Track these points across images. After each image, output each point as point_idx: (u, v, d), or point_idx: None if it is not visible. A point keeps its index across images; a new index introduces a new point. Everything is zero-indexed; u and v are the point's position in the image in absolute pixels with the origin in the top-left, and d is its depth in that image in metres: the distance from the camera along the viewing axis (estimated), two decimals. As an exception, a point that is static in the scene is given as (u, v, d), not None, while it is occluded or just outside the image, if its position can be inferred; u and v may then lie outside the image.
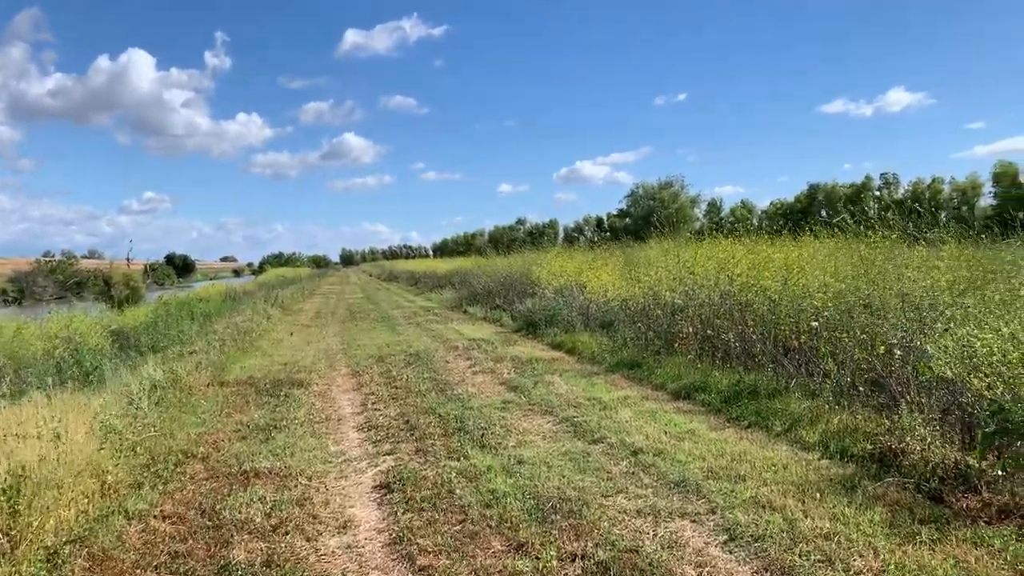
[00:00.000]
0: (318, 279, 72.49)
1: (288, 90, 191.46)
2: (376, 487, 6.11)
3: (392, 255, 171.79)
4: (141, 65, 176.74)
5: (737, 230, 13.22)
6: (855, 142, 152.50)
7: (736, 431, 7.20)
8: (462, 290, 29.87)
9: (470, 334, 17.05)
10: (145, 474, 6.18)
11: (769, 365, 8.86)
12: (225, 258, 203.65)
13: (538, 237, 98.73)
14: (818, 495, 5.24)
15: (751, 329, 10.13)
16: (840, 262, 9.69)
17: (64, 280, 72.21)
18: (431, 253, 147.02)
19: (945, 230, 9.36)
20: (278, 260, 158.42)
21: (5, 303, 61.24)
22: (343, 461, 6.89)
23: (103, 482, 5.58)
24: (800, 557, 4.34)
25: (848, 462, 6.02)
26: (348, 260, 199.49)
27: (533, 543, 4.68)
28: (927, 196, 75.51)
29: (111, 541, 4.80)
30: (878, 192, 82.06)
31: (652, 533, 4.80)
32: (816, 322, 9.29)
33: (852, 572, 4.15)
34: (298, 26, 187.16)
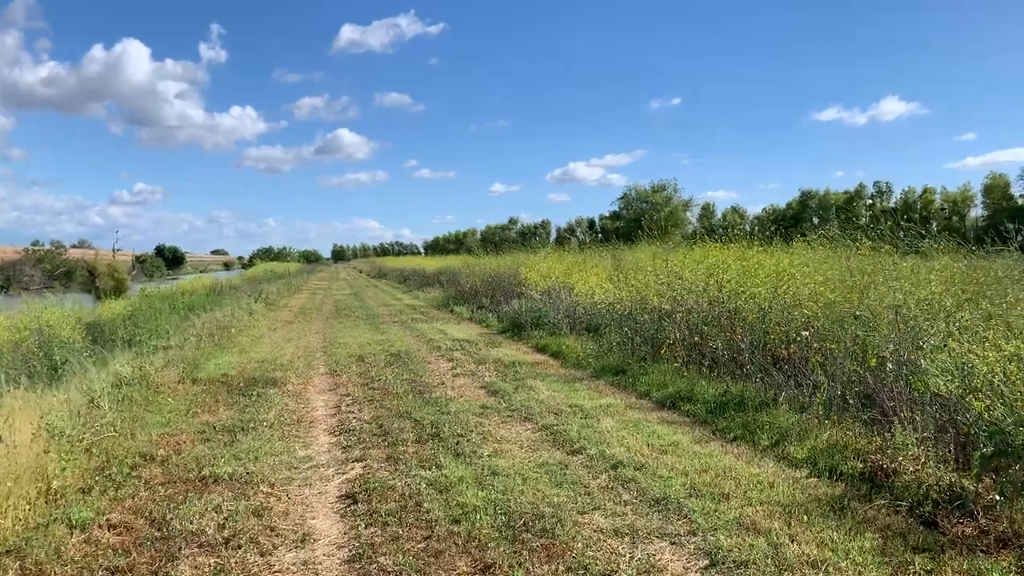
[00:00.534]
0: (307, 275, 71.98)
1: (283, 84, 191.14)
2: (341, 497, 5.79)
3: (383, 252, 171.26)
4: (136, 55, 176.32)
5: (728, 235, 12.97)
6: (848, 150, 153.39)
7: (721, 445, 6.90)
8: (450, 289, 29.55)
9: (454, 334, 16.73)
10: (97, 478, 5.84)
11: (757, 375, 8.57)
12: (216, 251, 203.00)
13: (530, 237, 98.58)
14: (806, 517, 4.95)
15: (739, 337, 9.85)
16: (831, 271, 9.45)
17: (52, 270, 71.50)
18: (423, 251, 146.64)
19: (937, 241, 9.13)
20: (268, 254, 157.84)
21: (-9, 291, 60.60)
22: (309, 467, 6.57)
23: (47, 487, 5.24)
24: (785, 587, 4.05)
25: (837, 481, 5.74)
26: (339, 256, 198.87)
27: (501, 565, 4.37)
28: (919, 206, 75.73)
29: (47, 554, 4.46)
30: (870, 200, 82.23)
31: (628, 556, 4.49)
32: (807, 332, 9.04)
33: (841, 605, 3.86)
34: (294, 20, 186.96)
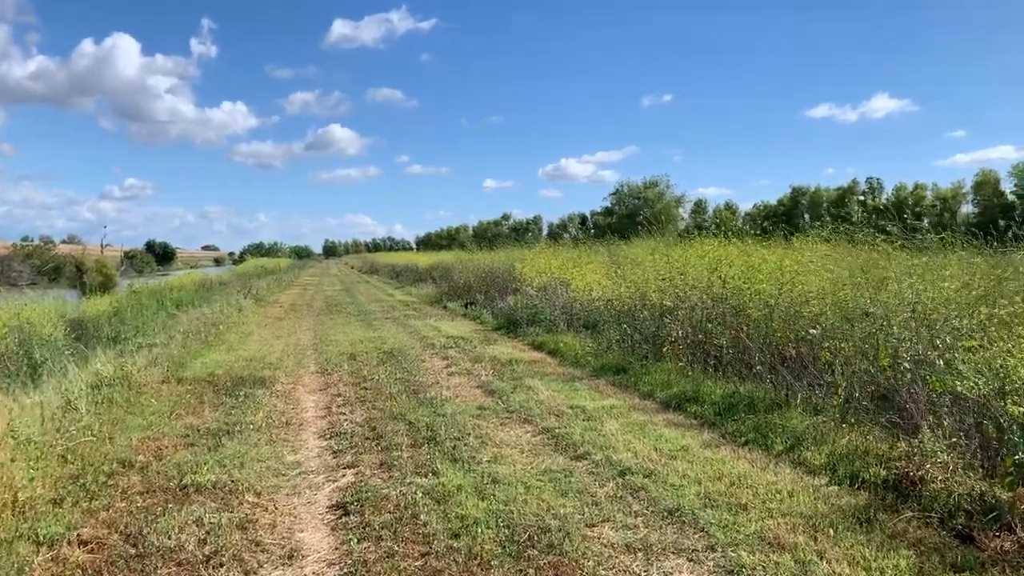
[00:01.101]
0: (298, 271, 71.43)
1: (274, 79, 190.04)
2: (332, 507, 5.43)
3: (375, 247, 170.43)
4: (126, 50, 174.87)
5: (723, 231, 12.68)
6: (839, 147, 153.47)
7: (733, 449, 6.56)
8: (443, 285, 29.17)
9: (448, 331, 16.36)
10: (70, 487, 5.46)
11: (767, 375, 8.23)
12: (207, 247, 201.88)
13: (522, 233, 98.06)
14: (831, 531, 4.61)
15: (745, 335, 9.52)
16: (840, 267, 9.13)
17: (41, 265, 70.76)
18: (415, 246, 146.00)
19: (955, 237, 8.82)
20: (259, 250, 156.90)
21: (-23, 287, 59.91)
22: (298, 474, 6.20)
23: (13, 499, 4.85)
24: (817, 611, 3.71)
25: (860, 489, 5.40)
26: (331, 251, 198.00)
27: (506, 586, 4.02)
28: (910, 202, 75.67)
29: (8, 575, 4.09)
30: (862, 197, 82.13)
31: (644, 575, 4.15)
32: (815, 330, 8.72)
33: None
34: (286, 15, 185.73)
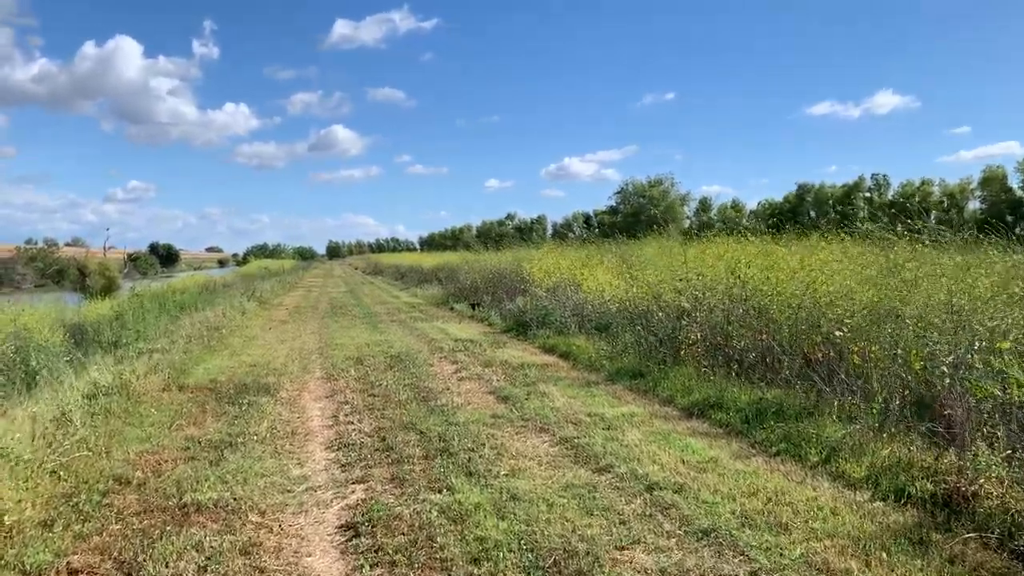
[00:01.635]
0: (302, 272, 71.21)
1: (276, 80, 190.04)
2: (341, 528, 5.08)
3: (379, 248, 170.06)
4: (128, 52, 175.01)
5: (735, 230, 12.36)
6: (841, 144, 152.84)
7: (765, 460, 6.20)
8: (449, 286, 28.81)
9: (456, 334, 16.01)
10: (61, 508, 5.11)
11: (796, 380, 7.84)
12: (211, 248, 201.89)
13: (527, 233, 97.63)
14: (883, 555, 4.24)
15: (767, 337, 9.16)
16: (865, 266, 8.78)
17: (44, 268, 70.72)
18: (418, 247, 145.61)
19: (988, 237, 8.45)
20: (263, 251, 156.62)
21: (-19, 290, 59.79)
22: (305, 490, 5.85)
23: (0, 522, 4.51)
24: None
25: (907, 506, 5.04)
26: (334, 252, 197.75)
27: (534, 620, 3.67)
28: (917, 198, 75.07)
29: (-10, 612, 3.75)
30: (868, 194, 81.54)
31: (684, 606, 3.79)
32: (840, 331, 8.36)
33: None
34: (287, 16, 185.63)
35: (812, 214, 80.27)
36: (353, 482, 6.01)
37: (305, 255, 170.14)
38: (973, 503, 4.81)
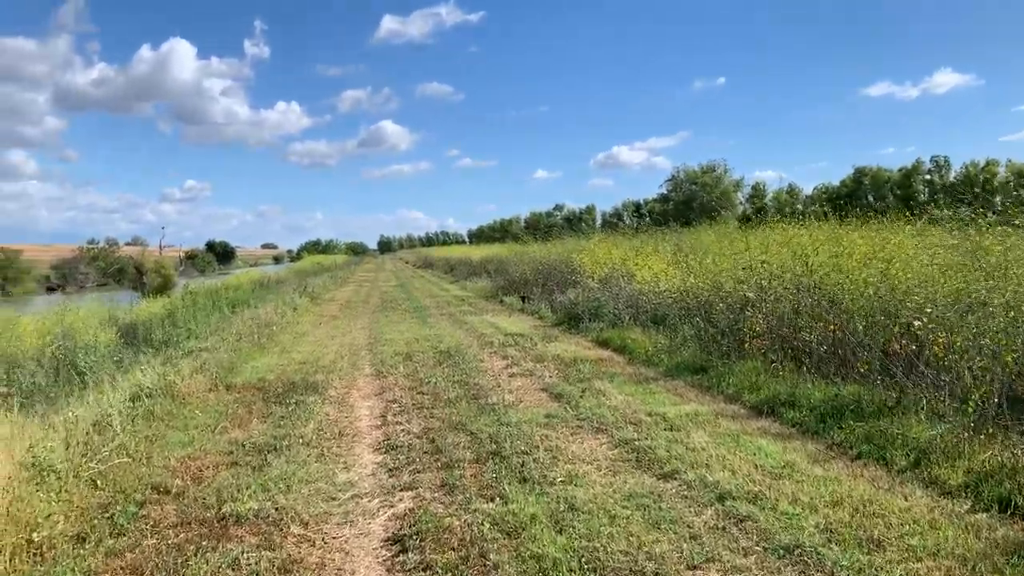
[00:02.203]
0: (353, 266, 71.83)
1: (326, 78, 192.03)
2: (387, 541, 4.73)
3: (429, 242, 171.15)
4: (182, 54, 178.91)
5: (783, 216, 11.75)
6: (898, 125, 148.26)
7: (846, 465, 5.67)
8: (497, 279, 28.48)
9: (506, 328, 15.63)
10: (97, 521, 4.86)
11: (876, 375, 7.24)
12: (266, 245, 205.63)
13: (576, 223, 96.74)
14: (998, 578, 3.73)
15: (836, 329, 8.56)
16: (945, 249, 8.13)
17: (105, 267, 72.54)
18: (467, 240, 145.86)
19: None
20: (316, 247, 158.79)
21: (49, 291, 61.65)
22: (351, 497, 5.52)
23: (28, 540, 4.27)
24: None
25: (1014, 517, 4.49)
26: (386, 247, 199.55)
27: (600, 656, 3.26)
28: (981, 180, 72.03)
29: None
30: (928, 176, 78.66)
31: (770, 640, 3.34)
32: (919, 321, 7.75)
33: None
34: (335, 13, 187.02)
35: (870, 198, 77.79)
36: (401, 489, 5.67)
37: (357, 250, 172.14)
38: (1095, 517, 4.24)
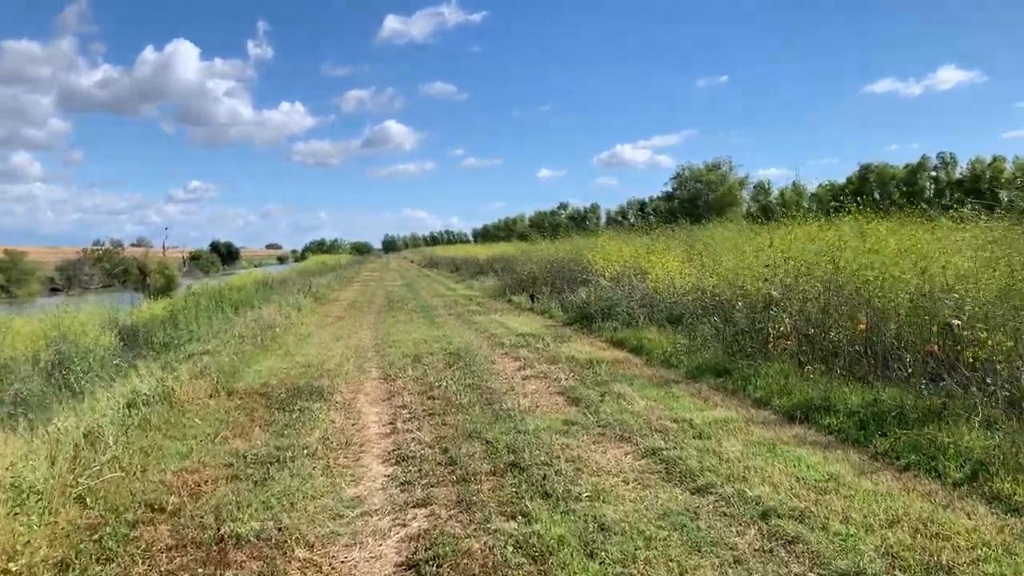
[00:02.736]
0: (358, 266, 71.48)
1: (329, 78, 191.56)
2: (401, 566, 4.31)
3: (434, 241, 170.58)
4: (186, 55, 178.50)
5: (789, 213, 11.37)
6: (902, 122, 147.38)
7: (895, 477, 5.24)
8: (505, 277, 28.05)
9: (517, 328, 15.21)
10: (83, 544, 4.45)
11: (921, 379, 6.78)
12: (271, 245, 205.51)
13: (580, 222, 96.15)
14: (1093, 613, 3.30)
15: (864, 328, 8.13)
16: (989, 242, 7.70)
17: (110, 269, 72.32)
18: (472, 239, 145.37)
19: None
20: (320, 247, 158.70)
21: (53, 292, 61.42)
22: (359, 515, 5.11)
23: (6, 568, 3.86)
24: None
25: (1094, 539, 4.06)
26: (390, 246, 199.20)
27: None
28: (987, 176, 71.41)
29: None
30: (934, 173, 78.01)
31: None
32: (957, 320, 7.34)
33: None
34: (339, 13, 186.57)
35: (876, 195, 77.10)
36: (414, 505, 5.26)
37: (361, 250, 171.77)
38: None
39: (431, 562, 4.24)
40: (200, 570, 4.18)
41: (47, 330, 10.08)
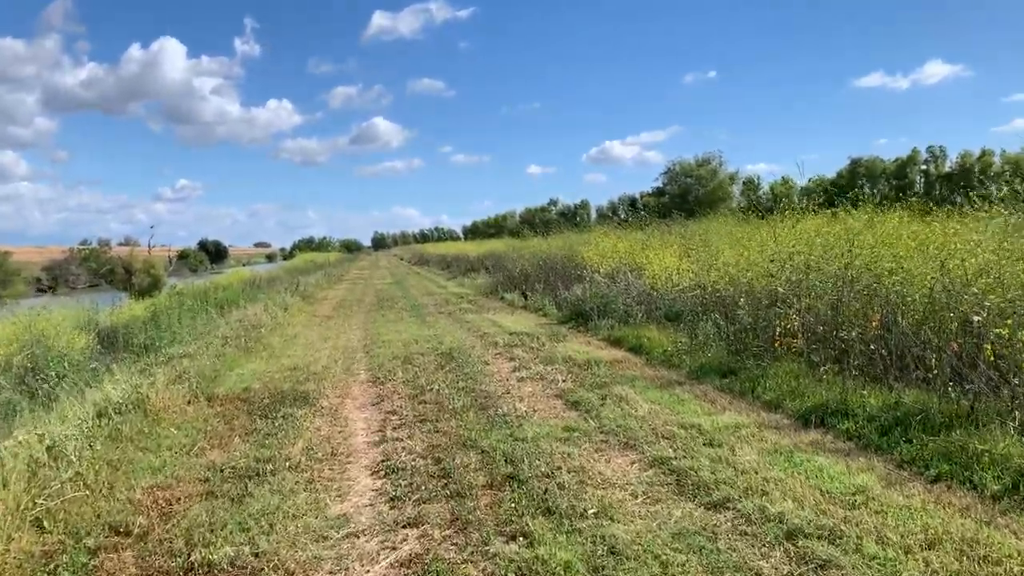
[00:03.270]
0: (348, 264, 70.80)
1: (317, 75, 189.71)
2: (390, 598, 3.88)
3: (424, 238, 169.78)
4: (172, 53, 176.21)
5: (780, 207, 10.99)
6: (890, 117, 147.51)
7: (926, 489, 4.84)
8: (496, 274, 27.60)
9: (510, 326, 14.77)
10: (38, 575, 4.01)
11: (947, 380, 6.34)
12: (259, 244, 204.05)
13: (571, 218, 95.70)
14: None
15: (877, 325, 7.74)
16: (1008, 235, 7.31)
17: (97, 268, 71.44)
18: (462, 236, 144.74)
19: None
20: (309, 245, 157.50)
21: (40, 292, 60.60)
22: (345, 536, 4.67)
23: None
24: None
25: None
26: (380, 244, 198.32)
27: None
28: (976, 169, 71.48)
29: None
30: (924, 166, 78.01)
31: None
32: (978, 316, 6.94)
33: None
34: (326, 10, 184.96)
35: (867, 189, 76.98)
36: (404, 525, 4.82)
37: (351, 247, 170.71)
38: None
39: (424, 593, 3.81)
40: (164, 607, 3.73)
41: (20, 333, 9.57)
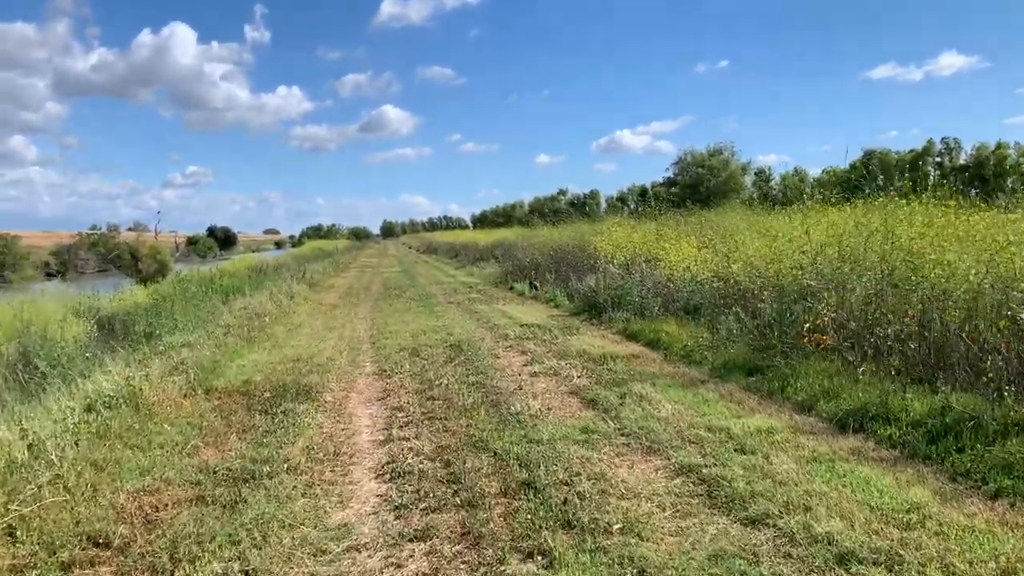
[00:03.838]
0: (356, 251, 70.50)
1: (326, 62, 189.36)
2: (394, 627, 3.46)
3: (432, 227, 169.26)
4: (182, 39, 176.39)
5: (790, 199, 10.51)
6: (903, 108, 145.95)
7: (986, 506, 4.37)
8: (506, 264, 27.14)
9: (521, 318, 14.33)
10: (1, 596, 3.61)
11: (1006, 384, 5.82)
12: (268, 230, 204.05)
13: (580, 207, 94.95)
14: None
15: (913, 320, 7.26)
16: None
17: (106, 253, 71.32)
18: (471, 225, 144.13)
19: None
20: (318, 232, 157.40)
21: (49, 277, 60.48)
22: (346, 550, 4.25)
23: None
24: None
25: None
26: (388, 232, 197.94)
27: None
28: (991, 162, 70.57)
29: None
30: (939, 158, 77.04)
31: None
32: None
33: None
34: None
35: (881, 180, 75.98)
36: (411, 538, 4.39)
37: (359, 235, 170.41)
38: None
39: (432, 623, 3.38)
40: (139, 636, 3.32)
41: (12, 320, 9.18)
